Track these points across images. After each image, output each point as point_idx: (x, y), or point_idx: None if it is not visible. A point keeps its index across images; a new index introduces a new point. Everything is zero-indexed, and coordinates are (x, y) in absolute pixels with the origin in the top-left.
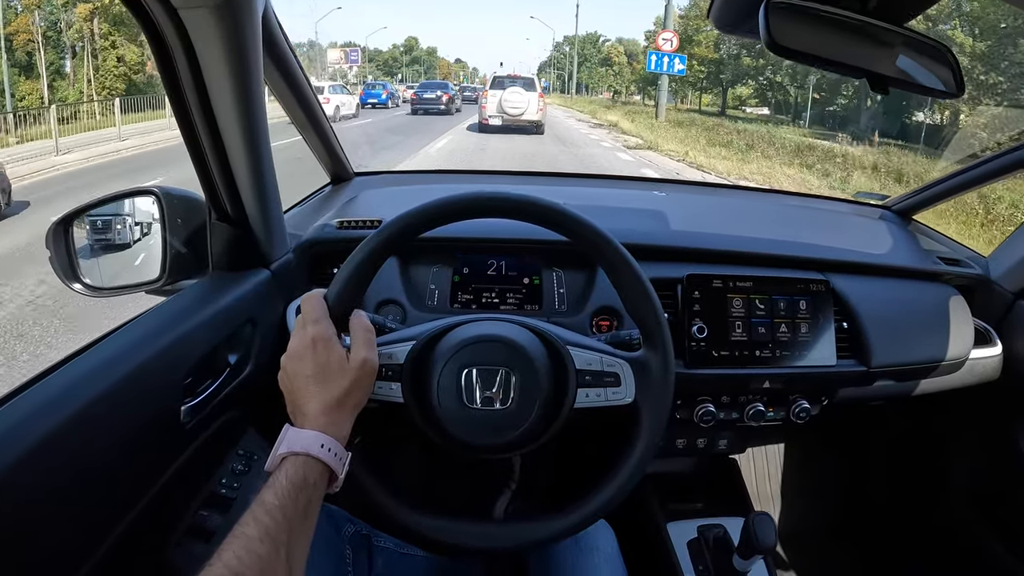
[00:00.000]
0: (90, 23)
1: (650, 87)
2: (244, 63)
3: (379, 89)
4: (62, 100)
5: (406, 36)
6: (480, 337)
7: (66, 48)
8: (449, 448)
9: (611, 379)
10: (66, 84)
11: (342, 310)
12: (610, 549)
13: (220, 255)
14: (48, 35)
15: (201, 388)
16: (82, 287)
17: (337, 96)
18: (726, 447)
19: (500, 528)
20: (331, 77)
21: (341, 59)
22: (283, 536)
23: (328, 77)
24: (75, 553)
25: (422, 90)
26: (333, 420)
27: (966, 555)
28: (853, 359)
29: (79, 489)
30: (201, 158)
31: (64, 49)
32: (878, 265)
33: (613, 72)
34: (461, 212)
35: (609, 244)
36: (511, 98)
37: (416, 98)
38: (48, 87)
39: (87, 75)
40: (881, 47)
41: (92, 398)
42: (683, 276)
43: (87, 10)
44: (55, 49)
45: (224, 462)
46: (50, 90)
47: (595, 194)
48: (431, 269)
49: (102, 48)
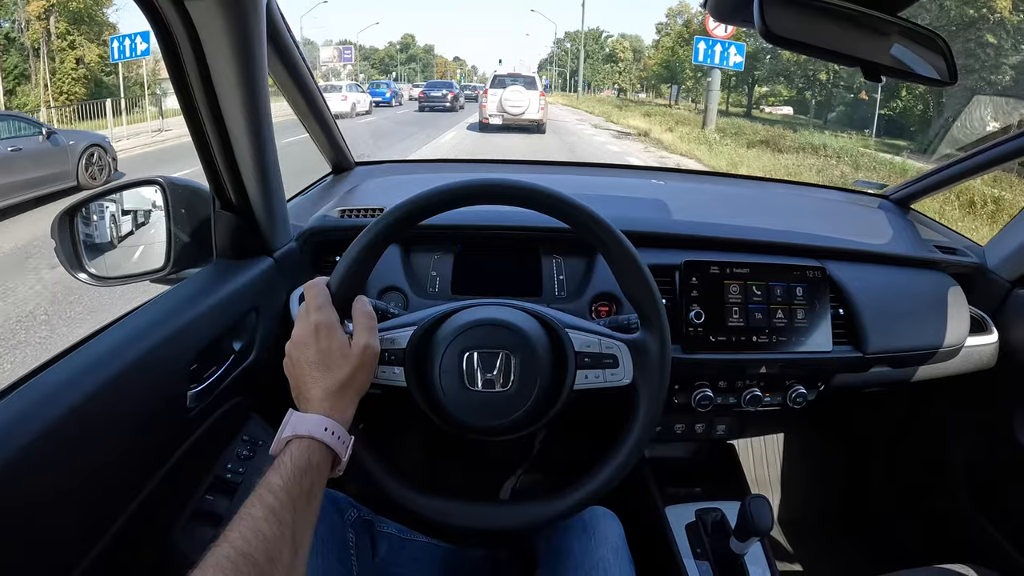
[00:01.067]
0: (45, 22)
1: (663, 84)
2: (249, 54)
3: (383, 88)
4: (20, 108)
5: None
6: (481, 321)
7: (28, 50)
8: (451, 430)
9: (609, 361)
10: (29, 88)
11: (345, 297)
12: (617, 540)
13: (224, 244)
14: (11, 36)
15: (207, 374)
16: (87, 277)
17: (354, 95)
18: (724, 432)
19: (498, 509)
20: (323, 76)
21: (334, 57)
22: (288, 517)
23: (320, 76)
24: (84, 535)
25: (429, 89)
26: (336, 404)
27: (962, 541)
28: (849, 345)
29: (88, 472)
30: (206, 148)
31: (27, 51)
32: (875, 253)
33: (618, 69)
34: (461, 199)
35: (607, 230)
36: (512, 97)
37: (424, 96)
38: (7, 93)
39: (44, 79)
40: (875, 35)
41: (100, 384)
42: (680, 262)
43: (40, 7)
44: (20, 52)
45: (229, 447)
46: (9, 96)
47: (595, 182)
48: (432, 256)
49: (59, 49)
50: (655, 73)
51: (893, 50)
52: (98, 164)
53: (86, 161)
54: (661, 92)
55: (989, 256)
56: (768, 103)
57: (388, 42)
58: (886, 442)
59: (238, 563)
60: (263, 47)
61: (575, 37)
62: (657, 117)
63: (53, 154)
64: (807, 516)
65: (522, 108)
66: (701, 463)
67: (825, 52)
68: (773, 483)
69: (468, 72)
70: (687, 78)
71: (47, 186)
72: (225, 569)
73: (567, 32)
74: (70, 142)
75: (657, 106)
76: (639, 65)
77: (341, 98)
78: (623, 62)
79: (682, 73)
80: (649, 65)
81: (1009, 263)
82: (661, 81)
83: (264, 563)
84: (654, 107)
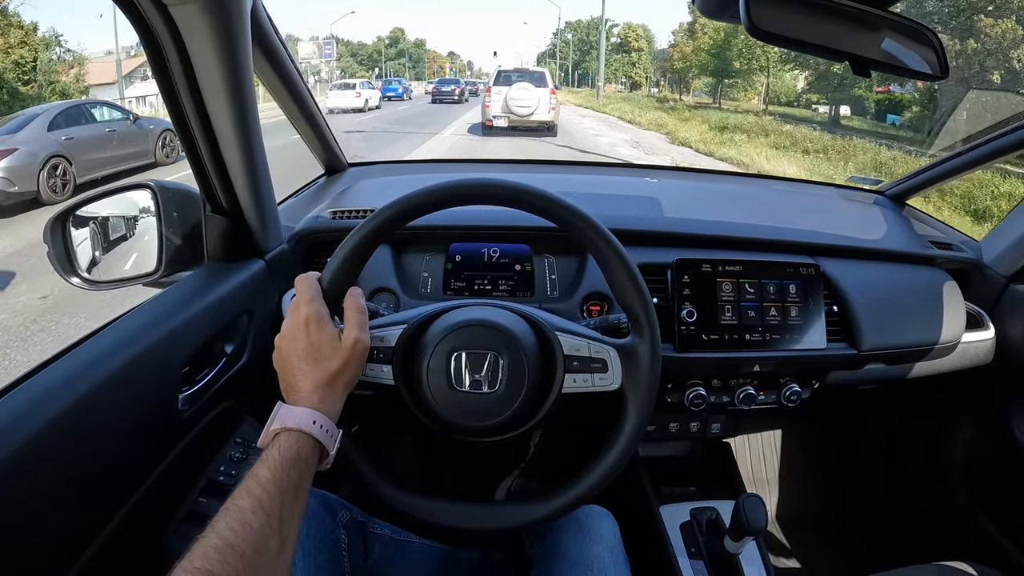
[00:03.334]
0: None
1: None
2: (234, 57)
3: (396, 84)
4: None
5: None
6: (469, 321)
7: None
8: (439, 431)
9: (598, 365)
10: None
11: (335, 293)
12: (612, 539)
13: (215, 247)
14: None
15: (198, 377)
16: (80, 280)
17: (366, 91)
18: (719, 431)
19: (488, 509)
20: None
21: (314, 53)
22: (276, 509)
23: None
24: (76, 538)
25: (440, 85)
26: (324, 397)
27: (960, 538)
28: (843, 342)
29: (80, 476)
30: (194, 151)
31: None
32: (869, 249)
33: (632, 60)
34: (451, 199)
35: (596, 231)
36: (519, 95)
37: (436, 91)
38: None
39: None
40: (864, 30)
41: (91, 387)
42: (672, 260)
43: None
44: None
45: (222, 450)
46: None
47: (588, 181)
48: (424, 257)
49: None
50: (697, 64)
51: (884, 45)
52: (170, 145)
53: (161, 143)
54: (688, 87)
55: (985, 251)
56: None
57: (376, 36)
58: (882, 439)
59: (225, 554)
60: (248, 49)
61: (576, 27)
62: (756, 135)
63: (138, 136)
64: (803, 514)
65: (530, 108)
66: (696, 462)
67: (813, 47)
68: (769, 481)
69: (462, 67)
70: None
71: (131, 162)
72: (212, 560)
73: (568, 22)
74: (150, 126)
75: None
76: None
77: (355, 95)
78: (636, 52)
79: (745, 62)
80: (686, 54)
81: (1005, 258)
82: (708, 73)
83: (251, 554)
84: (710, 110)
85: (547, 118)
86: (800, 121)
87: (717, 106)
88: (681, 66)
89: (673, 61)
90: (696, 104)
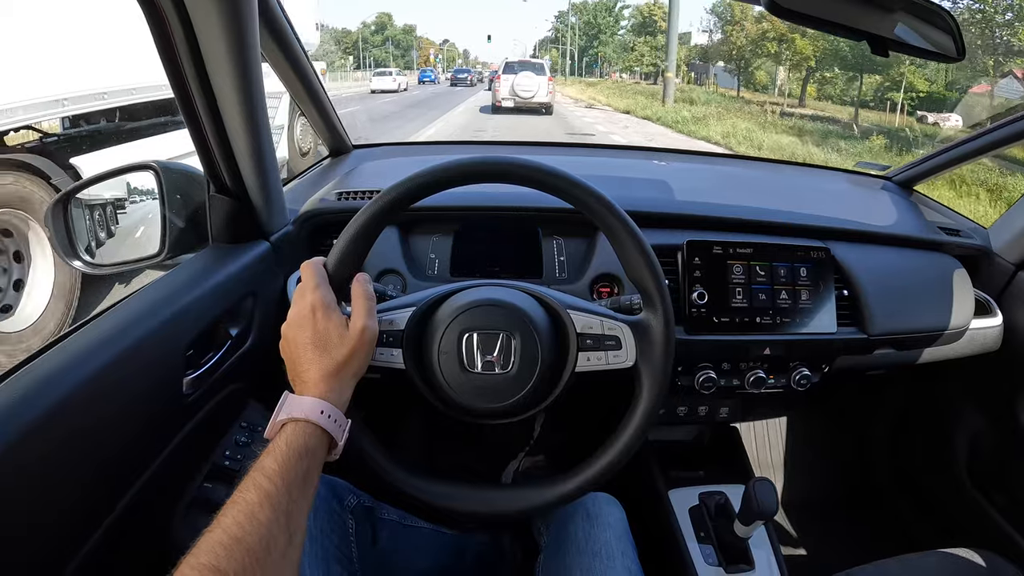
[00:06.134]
0: None
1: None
2: (241, 36)
3: (429, 72)
4: None
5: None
6: (480, 301)
7: None
8: (451, 414)
9: (612, 343)
10: None
11: (342, 278)
12: (620, 525)
13: (220, 228)
14: None
15: (203, 360)
16: (82, 264)
17: (400, 78)
18: (728, 415)
19: (499, 493)
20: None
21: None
22: (283, 502)
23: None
24: (80, 524)
25: (458, 73)
26: (333, 387)
27: (966, 524)
28: (853, 327)
29: (84, 460)
30: (199, 131)
31: None
32: (879, 234)
33: (654, 44)
34: (460, 178)
35: (610, 208)
36: (523, 82)
37: (454, 78)
38: None
39: None
40: (881, 10)
41: (95, 371)
42: (683, 242)
43: None
44: None
45: (227, 435)
46: None
47: (596, 163)
48: (431, 238)
49: None
50: (819, 53)
51: (900, 25)
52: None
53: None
54: (754, 77)
55: (993, 238)
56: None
57: (361, 23)
58: (890, 425)
59: (231, 549)
60: (255, 28)
61: (583, 9)
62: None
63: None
64: (811, 500)
65: (532, 92)
66: (704, 446)
67: (831, 25)
68: (776, 466)
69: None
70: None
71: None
72: (218, 555)
73: (574, 4)
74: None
75: (826, 121)
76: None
77: (392, 80)
78: (663, 34)
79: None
80: (753, 31)
81: (1014, 246)
82: (843, 67)
83: (258, 549)
84: (803, 120)
85: (545, 100)
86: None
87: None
88: (751, 53)
89: (737, 46)
90: (800, 112)
